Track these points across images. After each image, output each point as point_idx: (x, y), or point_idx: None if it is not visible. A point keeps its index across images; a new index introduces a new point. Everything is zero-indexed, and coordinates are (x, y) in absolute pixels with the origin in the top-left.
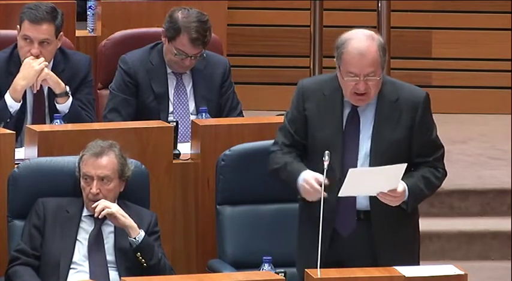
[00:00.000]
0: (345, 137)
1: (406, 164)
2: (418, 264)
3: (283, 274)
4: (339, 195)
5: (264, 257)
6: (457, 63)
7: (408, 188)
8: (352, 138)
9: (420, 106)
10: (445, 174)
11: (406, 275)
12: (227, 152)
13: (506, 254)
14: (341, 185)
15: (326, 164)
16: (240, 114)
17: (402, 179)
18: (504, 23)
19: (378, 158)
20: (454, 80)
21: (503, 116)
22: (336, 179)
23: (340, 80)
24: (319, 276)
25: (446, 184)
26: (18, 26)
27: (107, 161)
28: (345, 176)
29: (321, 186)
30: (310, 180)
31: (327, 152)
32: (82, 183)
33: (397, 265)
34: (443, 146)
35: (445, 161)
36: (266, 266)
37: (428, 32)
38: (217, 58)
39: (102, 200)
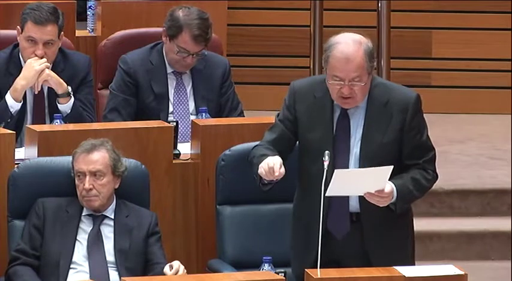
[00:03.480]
0: (335, 140)
1: (392, 166)
2: (413, 264)
3: (283, 274)
4: (326, 195)
5: (264, 257)
6: (457, 63)
7: (396, 188)
8: (342, 141)
9: (410, 108)
10: (436, 177)
11: (406, 275)
12: (227, 152)
13: (506, 254)
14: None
15: (326, 164)
16: (241, 115)
17: (391, 180)
18: (504, 23)
19: (368, 161)
20: (454, 80)
21: (503, 116)
22: (330, 174)
23: (326, 83)
24: (319, 276)
25: (446, 184)
26: (18, 27)
27: (98, 156)
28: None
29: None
30: (269, 160)
31: (327, 152)
32: (76, 181)
33: (390, 265)
34: (434, 148)
35: (445, 161)
36: (266, 266)
37: (428, 32)
38: (217, 58)
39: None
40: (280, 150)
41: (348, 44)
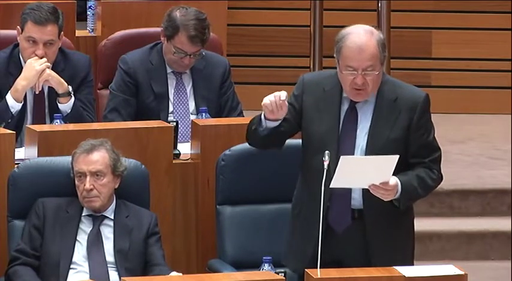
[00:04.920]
0: (341, 133)
1: (398, 155)
2: (412, 264)
3: (283, 274)
4: (331, 186)
5: (264, 257)
6: (457, 63)
7: (401, 184)
8: (348, 135)
9: (419, 106)
10: (441, 177)
11: (406, 275)
12: (227, 152)
13: (506, 254)
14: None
15: (326, 164)
16: (240, 115)
17: (396, 176)
18: (504, 23)
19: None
20: (454, 80)
21: (503, 116)
22: (330, 174)
23: (339, 74)
24: (319, 276)
25: (446, 184)
26: (19, 27)
27: (98, 156)
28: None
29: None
30: (275, 93)
31: (327, 152)
32: (76, 181)
33: (390, 265)
34: (440, 149)
35: (445, 161)
36: (266, 266)
37: (428, 32)
38: (217, 58)
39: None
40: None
41: (360, 34)
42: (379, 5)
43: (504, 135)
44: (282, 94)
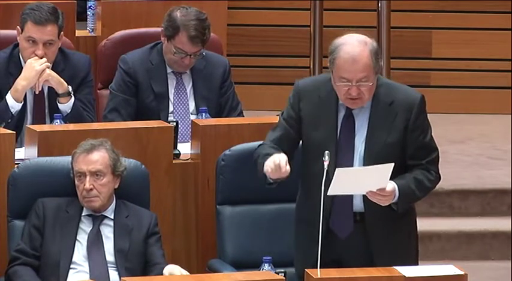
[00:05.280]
0: (339, 140)
1: (393, 163)
2: (417, 264)
3: (283, 274)
4: (328, 194)
5: (264, 257)
6: (457, 63)
7: (398, 188)
8: (346, 141)
9: (415, 108)
10: (439, 177)
11: (406, 275)
12: (227, 152)
13: (506, 254)
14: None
15: (326, 164)
16: (240, 115)
17: (394, 180)
18: (504, 23)
19: (372, 161)
20: (454, 80)
21: (503, 116)
22: (329, 175)
23: (333, 84)
24: (319, 276)
25: (446, 184)
26: (18, 27)
27: (98, 156)
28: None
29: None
30: (275, 157)
31: (327, 152)
32: (76, 181)
33: (393, 266)
34: (437, 149)
35: (445, 161)
36: (266, 266)
37: (428, 32)
38: (217, 58)
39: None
40: (284, 149)
41: (354, 45)
42: (379, 5)
43: (504, 135)
44: (282, 161)
